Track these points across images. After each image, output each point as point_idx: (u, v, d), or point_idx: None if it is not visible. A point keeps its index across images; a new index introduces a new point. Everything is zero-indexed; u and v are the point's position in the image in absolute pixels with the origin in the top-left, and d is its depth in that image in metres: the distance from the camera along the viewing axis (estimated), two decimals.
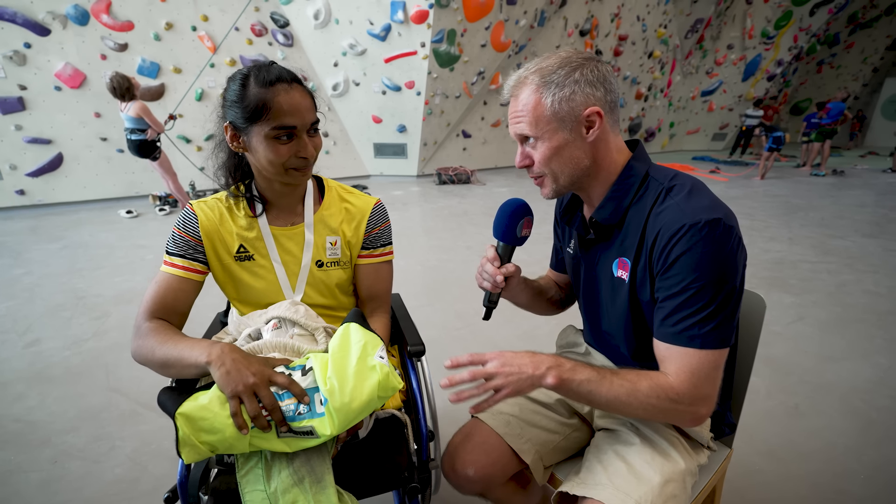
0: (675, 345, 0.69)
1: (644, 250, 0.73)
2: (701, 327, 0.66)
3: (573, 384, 0.70)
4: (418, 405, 0.91)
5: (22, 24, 4.70)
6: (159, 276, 0.88)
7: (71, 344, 2.22)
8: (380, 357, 0.75)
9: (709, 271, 0.66)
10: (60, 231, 4.33)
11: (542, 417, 0.93)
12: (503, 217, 0.84)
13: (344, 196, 1.02)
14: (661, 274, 0.70)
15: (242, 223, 0.93)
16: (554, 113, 0.72)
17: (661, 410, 0.69)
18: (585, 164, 0.76)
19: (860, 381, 1.93)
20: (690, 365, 0.67)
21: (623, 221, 0.77)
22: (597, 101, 0.72)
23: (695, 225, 0.66)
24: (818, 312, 2.58)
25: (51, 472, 1.43)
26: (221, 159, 0.94)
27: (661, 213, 0.71)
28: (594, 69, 0.72)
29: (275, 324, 0.86)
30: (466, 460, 0.88)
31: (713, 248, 0.65)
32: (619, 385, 0.69)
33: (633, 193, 0.76)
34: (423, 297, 2.76)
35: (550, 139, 0.73)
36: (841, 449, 1.54)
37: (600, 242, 0.83)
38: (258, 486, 0.70)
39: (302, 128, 0.83)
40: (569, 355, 1.02)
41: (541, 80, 0.72)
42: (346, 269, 1.01)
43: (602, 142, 0.75)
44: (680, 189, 0.72)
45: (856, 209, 5.23)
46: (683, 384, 0.67)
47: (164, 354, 0.76)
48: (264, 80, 0.80)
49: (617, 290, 0.80)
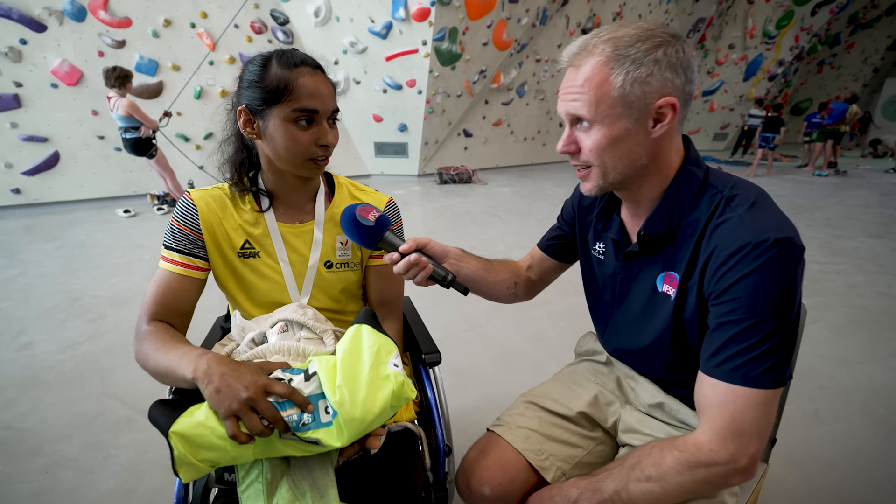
0: (724, 381, 0.59)
1: (697, 266, 0.64)
2: (757, 365, 0.57)
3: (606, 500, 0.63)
4: (434, 417, 0.85)
5: (17, 19, 4.62)
6: (158, 275, 0.82)
7: (65, 347, 2.15)
8: (394, 365, 0.68)
9: (772, 299, 0.56)
10: (57, 230, 4.25)
11: (563, 431, 0.86)
12: (351, 233, 0.76)
13: (355, 193, 0.96)
14: (715, 298, 0.61)
15: (248, 217, 0.87)
16: (622, 95, 0.60)
17: (701, 481, 0.59)
18: (643, 162, 0.65)
19: (879, 385, 1.88)
20: (738, 410, 0.58)
21: (675, 232, 0.68)
22: (674, 89, 0.61)
23: (761, 243, 0.57)
24: (830, 315, 2.53)
25: (42, 483, 1.37)
26: (228, 153, 0.88)
27: (721, 226, 0.62)
28: (680, 50, 0.60)
29: (281, 327, 0.80)
30: (483, 477, 0.81)
31: (779, 273, 0.56)
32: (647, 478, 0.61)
33: (689, 201, 0.66)
34: (426, 298, 2.69)
35: (609, 126, 0.62)
36: (865, 457, 1.48)
37: (642, 255, 0.74)
38: (259, 502, 0.64)
39: (323, 113, 0.79)
40: (590, 363, 0.97)
41: (614, 51, 0.60)
42: (356, 272, 0.94)
43: (666, 139, 0.65)
44: (743, 199, 0.63)
45: (861, 209, 5.19)
46: (721, 439, 0.58)
47: (156, 364, 0.71)
48: (288, 61, 0.77)
49: (659, 305, 0.72)
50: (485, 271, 0.90)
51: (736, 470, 0.59)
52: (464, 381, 1.90)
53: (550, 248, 0.98)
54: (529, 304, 1.02)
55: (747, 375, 0.57)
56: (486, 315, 2.45)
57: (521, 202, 5.55)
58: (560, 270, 1.00)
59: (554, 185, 6.75)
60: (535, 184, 6.91)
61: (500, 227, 4.38)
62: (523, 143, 8.81)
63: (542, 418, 0.87)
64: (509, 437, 0.84)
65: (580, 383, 0.91)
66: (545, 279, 1.01)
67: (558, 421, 0.87)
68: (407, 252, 0.75)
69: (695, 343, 0.68)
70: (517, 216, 4.81)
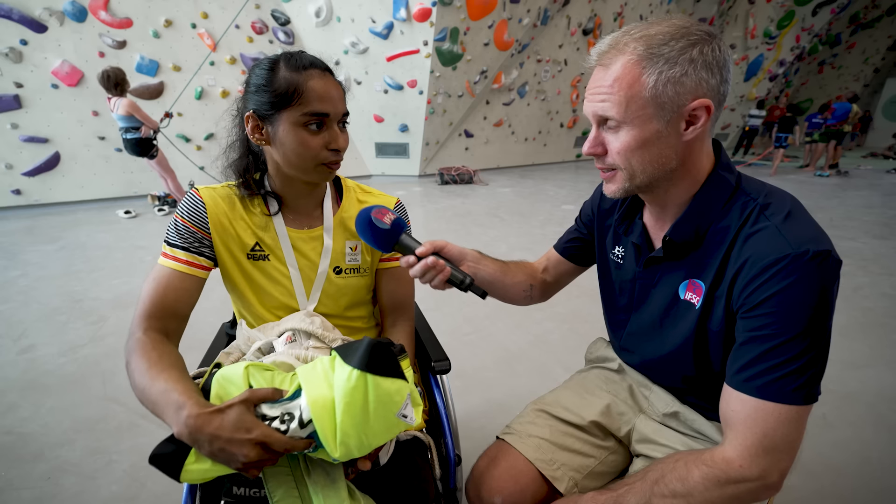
0: (755, 397, 0.56)
1: (725, 276, 0.61)
2: (793, 380, 0.55)
3: None
4: (444, 427, 0.83)
5: (18, 20, 4.60)
6: (157, 272, 0.77)
7: (66, 350, 2.13)
8: (402, 416, 0.61)
9: (808, 315, 0.54)
10: (57, 232, 4.24)
11: (574, 440, 0.85)
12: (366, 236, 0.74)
13: (362, 197, 0.95)
14: (748, 310, 0.58)
15: (258, 220, 0.85)
16: (654, 96, 0.57)
17: (731, 497, 0.57)
18: (672, 165, 0.62)
19: (887, 388, 1.86)
20: (770, 426, 0.55)
21: (702, 239, 0.65)
22: (709, 90, 0.57)
23: (800, 256, 0.54)
24: (837, 317, 2.48)
25: (43, 489, 1.35)
26: (232, 159, 0.85)
27: (754, 235, 0.59)
28: (717, 48, 0.57)
29: (289, 336, 0.78)
30: (493, 488, 0.80)
31: (816, 288, 0.54)
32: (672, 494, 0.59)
33: (720, 207, 0.64)
34: (430, 301, 2.68)
35: (640, 128, 0.59)
36: (874, 462, 1.47)
37: (665, 261, 0.71)
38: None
39: (334, 116, 0.77)
40: (601, 370, 0.95)
41: (646, 50, 0.57)
42: (366, 277, 0.93)
43: (698, 142, 0.61)
44: (778, 208, 0.60)
45: (864, 210, 5.17)
46: (752, 455, 0.56)
47: (140, 388, 0.66)
48: (297, 64, 0.74)
49: (682, 313, 0.69)
50: (502, 274, 0.88)
51: (766, 486, 0.57)
52: (468, 385, 1.88)
53: (567, 251, 0.95)
54: (533, 307, 1.01)
55: (780, 392, 0.55)
56: (490, 318, 2.43)
57: (523, 203, 5.54)
58: (576, 273, 0.98)
59: (555, 186, 6.74)
60: (537, 184, 6.90)
61: (501, 227, 4.37)
62: (524, 143, 8.80)
63: (553, 427, 0.85)
64: (520, 447, 0.83)
65: (592, 391, 0.90)
66: (561, 282, 0.99)
67: (570, 430, 0.85)
68: (423, 255, 0.73)
69: (716, 354, 0.67)
70: (519, 217, 4.80)
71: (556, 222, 4.55)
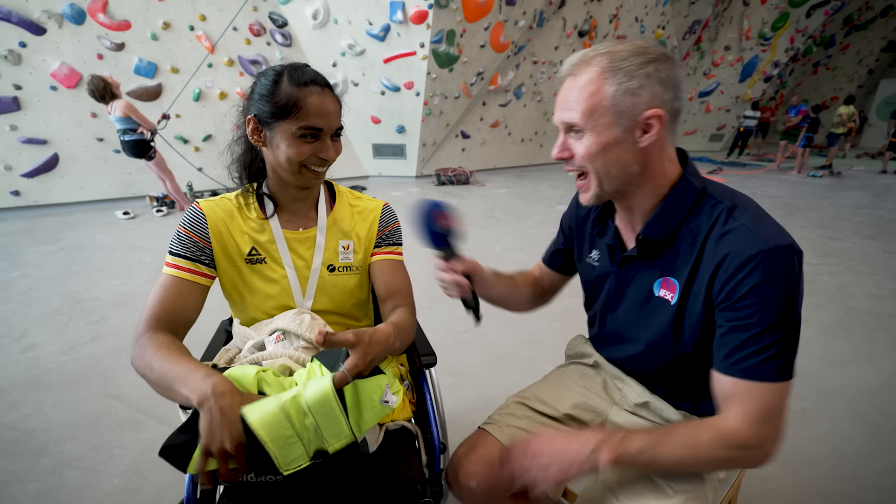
0: (746, 380, 0.63)
1: (701, 274, 0.67)
2: (774, 361, 0.61)
3: (630, 456, 0.65)
4: (430, 416, 0.89)
5: (17, 22, 4.64)
6: (162, 279, 0.83)
7: (68, 349, 2.18)
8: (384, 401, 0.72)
9: (783, 303, 0.61)
10: (56, 233, 4.27)
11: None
12: (419, 228, 0.80)
13: (353, 202, 1.02)
14: (729, 304, 0.64)
15: (254, 224, 0.91)
16: (613, 105, 0.64)
17: (730, 461, 0.65)
18: (634, 170, 0.69)
19: (866, 385, 1.93)
20: (762, 401, 0.62)
21: (673, 240, 0.71)
22: (662, 103, 0.64)
23: (772, 252, 0.61)
24: (821, 315, 2.58)
25: (48, 482, 1.40)
26: (237, 153, 0.93)
27: (727, 234, 0.65)
28: (670, 68, 0.65)
29: (278, 336, 0.84)
30: (470, 472, 0.86)
31: (788, 278, 0.61)
32: (679, 445, 0.65)
33: (686, 210, 0.70)
34: (424, 300, 2.72)
35: (601, 134, 0.66)
36: (849, 455, 1.53)
37: (639, 260, 0.77)
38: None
39: (327, 131, 0.83)
40: (578, 366, 1.01)
41: (609, 63, 0.64)
42: (358, 275, 0.98)
43: (656, 149, 0.68)
44: (744, 210, 0.66)
45: (854, 210, 5.25)
46: (752, 425, 0.62)
47: (159, 375, 0.70)
48: (298, 80, 0.81)
49: (656, 310, 0.75)
50: (511, 290, 0.98)
51: (766, 454, 0.64)
52: (460, 382, 1.93)
53: (552, 263, 1.03)
54: None
55: (765, 372, 0.62)
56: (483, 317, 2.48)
57: (519, 203, 5.59)
58: (565, 281, 1.06)
59: (551, 187, 6.80)
60: (533, 185, 6.96)
61: (496, 228, 4.42)
62: (521, 144, 8.86)
63: (531, 418, 0.91)
64: (499, 435, 0.88)
65: (567, 386, 0.95)
66: (554, 287, 1.07)
67: (546, 421, 0.91)
68: (460, 272, 0.80)
69: (691, 344, 0.72)
70: (514, 218, 4.85)
71: (551, 223, 4.61)
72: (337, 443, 0.67)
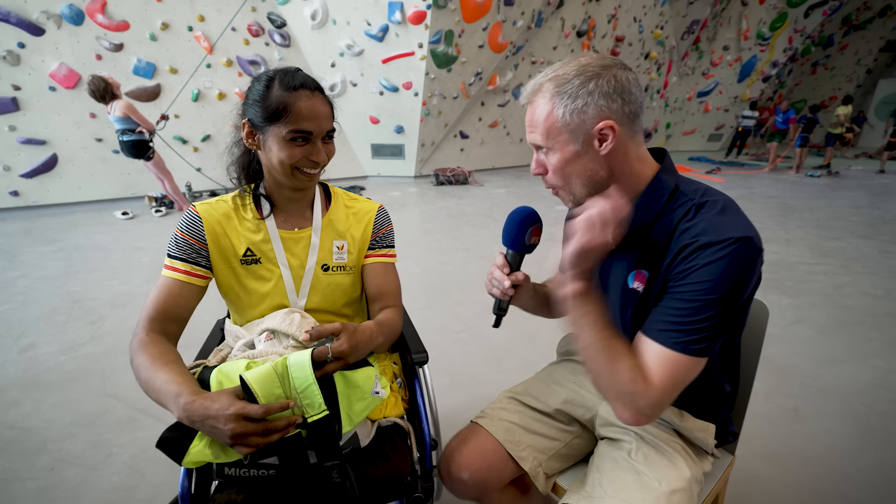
0: (661, 344, 0.67)
1: (664, 263, 0.71)
2: (692, 335, 0.65)
3: (582, 308, 0.70)
4: (422, 413, 0.90)
5: (15, 23, 4.65)
6: (160, 281, 0.86)
7: (67, 349, 2.19)
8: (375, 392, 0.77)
9: (723, 286, 0.64)
10: (55, 233, 4.29)
11: (541, 425, 0.93)
12: (512, 225, 0.83)
13: (348, 203, 1.03)
14: (675, 282, 0.69)
15: (250, 225, 0.93)
16: (565, 125, 0.70)
17: (625, 390, 0.67)
18: (602, 175, 0.73)
19: (859, 384, 1.94)
20: (672, 367, 0.66)
21: (648, 234, 0.75)
22: (612, 113, 0.69)
23: (724, 241, 0.64)
24: (816, 315, 2.59)
25: (47, 480, 1.41)
26: (236, 155, 0.95)
27: (690, 227, 0.69)
28: (611, 79, 0.68)
29: (268, 335, 0.85)
30: (461, 464, 0.88)
31: (736, 265, 0.64)
32: (610, 347, 0.69)
33: (660, 207, 0.73)
34: (421, 299, 2.75)
35: (561, 150, 0.72)
36: (840, 453, 1.54)
37: (617, 252, 0.80)
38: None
39: (318, 134, 0.85)
40: (569, 362, 1.03)
41: (555, 88, 0.70)
42: (352, 275, 1.00)
43: (619, 153, 0.72)
44: (712, 206, 0.70)
45: (851, 210, 5.26)
46: (661, 383, 0.66)
47: (145, 381, 0.74)
48: (289, 84, 0.82)
49: (629, 301, 0.78)
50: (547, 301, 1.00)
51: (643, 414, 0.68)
52: (456, 381, 1.95)
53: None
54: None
55: (682, 342, 0.66)
56: (480, 316, 2.50)
57: (517, 203, 5.49)
58: None
59: None
60: (531, 185, 6.97)
61: (494, 228, 4.43)
62: (519, 144, 8.87)
63: (522, 412, 0.93)
64: (491, 428, 0.90)
65: (559, 381, 0.97)
66: None
67: (537, 416, 0.93)
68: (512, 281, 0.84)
69: None
70: None
71: (549, 223, 4.58)
72: (312, 411, 0.70)
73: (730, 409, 0.88)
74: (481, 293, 0.89)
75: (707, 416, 0.84)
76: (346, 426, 0.75)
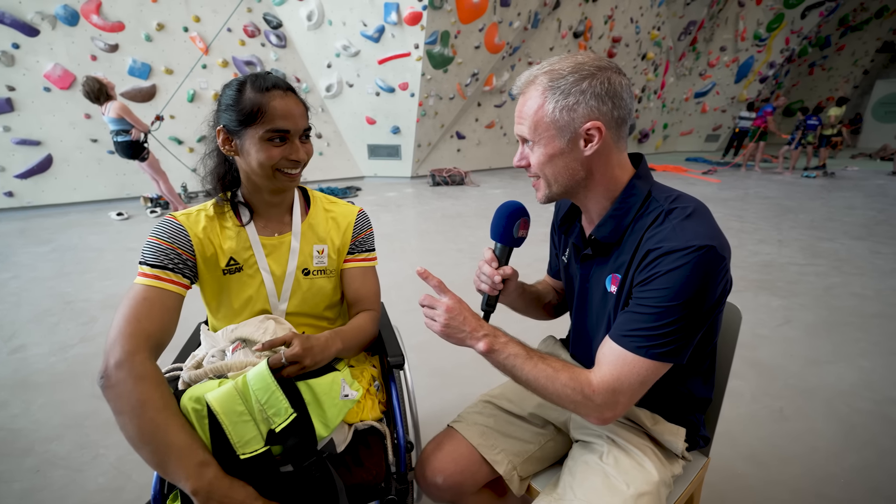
0: (621, 346, 0.69)
1: (631, 268, 0.72)
2: (652, 340, 0.67)
3: (500, 356, 0.73)
4: (396, 417, 0.91)
5: (10, 24, 4.65)
6: (140, 293, 0.77)
7: (57, 350, 2.20)
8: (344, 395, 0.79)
9: (685, 293, 0.65)
10: (49, 234, 4.29)
11: (516, 428, 0.94)
12: (500, 219, 0.84)
13: (328, 207, 1.04)
14: (640, 286, 0.69)
15: (230, 233, 0.92)
16: (553, 121, 0.70)
17: (572, 401, 0.70)
18: (581, 175, 0.74)
19: (844, 384, 1.95)
20: (623, 369, 0.68)
21: (622, 239, 0.76)
22: (601, 115, 0.69)
23: (686, 248, 0.64)
24: (805, 315, 2.60)
25: (33, 482, 1.42)
26: (210, 166, 0.94)
27: (657, 233, 0.69)
28: (605, 81, 0.68)
29: (238, 344, 0.85)
30: (436, 468, 0.89)
31: (697, 273, 0.64)
32: (542, 369, 0.71)
33: (634, 213, 0.74)
34: (412, 301, 2.74)
35: (546, 146, 0.72)
36: (822, 453, 1.55)
37: (597, 257, 0.81)
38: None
39: (294, 132, 0.85)
40: None
41: (549, 82, 0.70)
42: (332, 278, 1.01)
43: (601, 156, 0.72)
44: (680, 212, 0.70)
45: (845, 211, 5.28)
46: (603, 385, 0.68)
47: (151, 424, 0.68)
48: (261, 86, 0.83)
49: (607, 304, 0.79)
50: (536, 301, 1.03)
51: (600, 417, 0.70)
52: (446, 382, 1.96)
53: (552, 272, 1.09)
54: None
55: (641, 346, 0.67)
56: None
57: None
58: None
59: None
60: (527, 186, 6.98)
61: (489, 229, 4.44)
62: (515, 145, 8.77)
63: (497, 416, 0.94)
64: (466, 433, 0.92)
65: None
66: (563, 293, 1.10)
67: (512, 419, 0.95)
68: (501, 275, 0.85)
69: None
70: None
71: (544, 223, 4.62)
72: (279, 419, 0.71)
73: (702, 413, 0.89)
74: (474, 294, 0.89)
75: (679, 421, 0.85)
76: (321, 432, 0.75)
